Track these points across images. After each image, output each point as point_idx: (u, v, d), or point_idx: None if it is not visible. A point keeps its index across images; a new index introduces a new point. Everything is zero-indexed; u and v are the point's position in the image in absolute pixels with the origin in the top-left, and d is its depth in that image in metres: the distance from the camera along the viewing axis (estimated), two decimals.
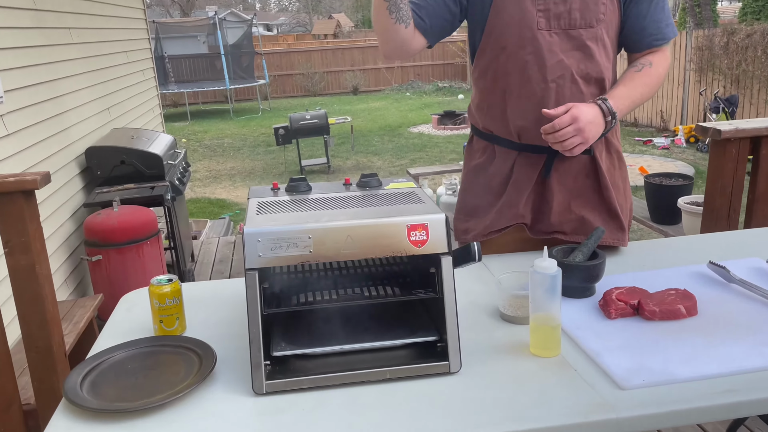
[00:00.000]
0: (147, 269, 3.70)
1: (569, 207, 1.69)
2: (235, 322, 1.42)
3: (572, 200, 1.69)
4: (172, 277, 1.35)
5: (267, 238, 1.15)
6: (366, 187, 1.42)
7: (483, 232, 1.73)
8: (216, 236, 5.67)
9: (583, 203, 1.69)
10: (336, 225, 1.17)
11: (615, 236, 1.68)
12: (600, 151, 1.67)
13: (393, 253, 1.19)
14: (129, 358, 1.25)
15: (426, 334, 1.23)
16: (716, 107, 8.70)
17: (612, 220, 1.69)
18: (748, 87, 9.21)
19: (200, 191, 8.03)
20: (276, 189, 1.43)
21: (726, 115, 8.69)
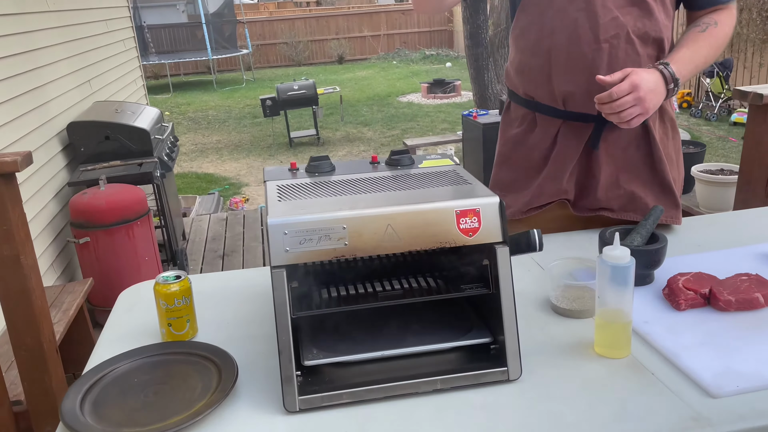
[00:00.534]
0: (138, 250, 3.51)
1: (617, 181, 1.54)
2: (252, 322, 1.25)
3: (621, 174, 1.53)
4: (180, 273, 1.17)
5: (295, 230, 0.98)
6: (397, 165, 1.25)
7: (522, 209, 1.57)
8: (206, 213, 5.48)
9: (633, 177, 1.53)
10: (375, 213, 1.01)
11: (668, 213, 1.53)
12: (653, 120, 1.50)
13: (440, 244, 1.02)
14: (135, 371, 1.08)
15: (477, 335, 1.08)
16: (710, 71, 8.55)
17: (665, 195, 1.54)
18: (743, 50, 9.06)
19: (186, 166, 7.79)
20: (294, 170, 1.26)
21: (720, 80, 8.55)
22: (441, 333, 1.10)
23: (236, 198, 6.15)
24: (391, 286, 1.11)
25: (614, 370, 1.04)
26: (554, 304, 1.23)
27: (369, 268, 1.12)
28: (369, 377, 1.02)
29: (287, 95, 8.01)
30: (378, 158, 1.29)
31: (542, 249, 1.05)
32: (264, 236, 4.63)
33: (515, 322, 1.02)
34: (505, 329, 1.02)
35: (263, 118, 8.77)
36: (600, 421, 0.92)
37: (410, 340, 1.08)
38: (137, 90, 6.01)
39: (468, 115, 4.72)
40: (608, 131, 1.48)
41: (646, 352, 1.08)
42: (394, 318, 1.13)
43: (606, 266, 1.04)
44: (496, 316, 1.06)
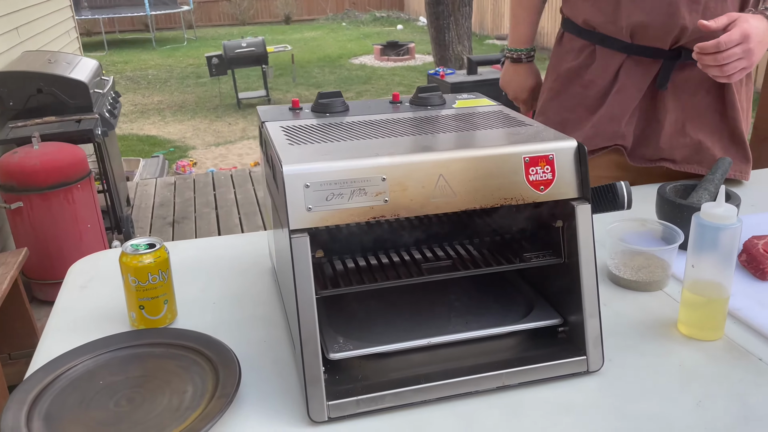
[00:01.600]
0: (79, 217, 3.15)
1: (683, 128, 1.35)
2: (245, 300, 1.00)
3: (688, 120, 1.35)
4: (154, 240, 0.91)
5: (320, 182, 0.73)
6: (426, 105, 1.01)
7: None
8: (151, 177, 5.08)
9: (702, 125, 1.35)
10: (423, 159, 0.76)
11: (737, 167, 1.35)
12: None
13: (504, 200, 0.79)
14: (100, 370, 0.81)
15: (543, 316, 0.86)
16: None
17: (735, 147, 1.37)
18: None
19: (126, 128, 7.27)
20: (297, 109, 1.00)
21: None
22: (496, 314, 0.88)
23: (183, 161, 5.75)
24: (434, 255, 0.87)
25: (713, 355, 0.85)
26: (614, 274, 1.02)
27: (411, 232, 0.88)
28: (414, 372, 0.79)
29: (235, 53, 7.56)
30: (400, 96, 1.04)
31: (631, 206, 0.83)
32: (216, 202, 4.30)
33: (597, 299, 0.81)
34: (585, 308, 0.81)
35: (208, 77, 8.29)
36: (721, 426, 0.72)
37: (459, 323, 0.86)
38: (71, 42, 5.49)
39: (434, 74, 4.47)
40: (678, 70, 1.29)
41: (742, 332, 0.89)
42: (437, 297, 0.90)
43: (704, 227, 0.83)
44: (566, 291, 0.84)
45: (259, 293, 1.02)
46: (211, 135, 6.84)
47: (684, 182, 1.15)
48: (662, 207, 1.10)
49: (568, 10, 1.42)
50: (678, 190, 1.12)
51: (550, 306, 0.87)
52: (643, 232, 1.06)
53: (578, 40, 1.39)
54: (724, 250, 0.82)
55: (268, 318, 0.95)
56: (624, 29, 1.28)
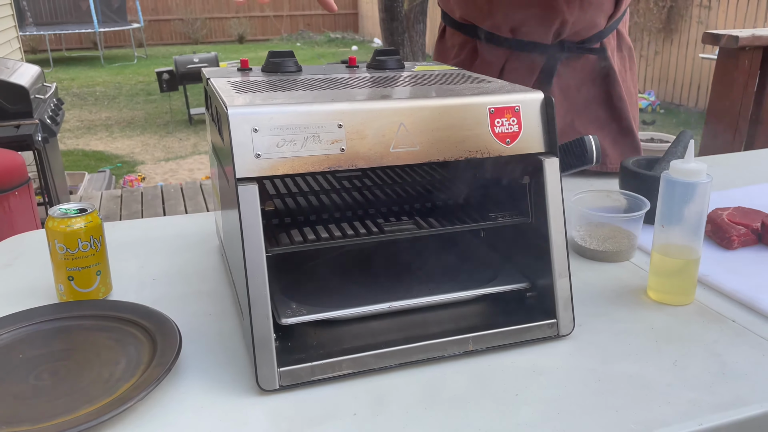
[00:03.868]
0: (16, 226, 2.98)
1: (573, 124, 1.32)
2: (189, 277, 0.92)
3: (576, 116, 1.32)
4: (86, 205, 0.82)
5: (270, 126, 0.67)
6: (383, 68, 0.96)
7: None
8: (97, 191, 4.89)
9: (589, 119, 1.32)
10: (383, 106, 0.71)
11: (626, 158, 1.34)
12: (611, 49, 1.30)
13: (468, 153, 0.74)
14: (19, 343, 0.72)
15: (509, 280, 0.81)
16: None
17: (624, 138, 1.34)
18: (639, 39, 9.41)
19: (72, 143, 7.03)
20: (246, 69, 0.93)
21: None
22: (462, 279, 0.82)
23: (131, 176, 5.57)
24: (395, 215, 0.81)
25: (685, 319, 0.81)
26: (580, 246, 0.98)
27: (371, 188, 0.82)
28: (375, 339, 0.73)
29: (186, 68, 7.41)
30: (356, 60, 0.99)
31: (600, 161, 0.80)
32: (165, 214, 4.15)
33: (567, 259, 0.76)
34: (554, 268, 0.76)
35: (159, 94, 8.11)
36: (699, 383, 0.68)
37: (422, 288, 0.80)
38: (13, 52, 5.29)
39: None
40: (563, 65, 1.26)
41: (712, 297, 0.86)
42: (399, 261, 0.84)
43: (674, 184, 0.80)
44: (534, 254, 0.79)
45: (205, 270, 0.94)
46: (161, 150, 6.67)
47: (647, 156, 1.13)
48: (625, 179, 1.07)
49: (443, 3, 1.38)
50: (640, 163, 1.10)
51: (518, 271, 0.83)
52: (608, 204, 1.03)
53: (459, 35, 1.34)
54: (695, 208, 0.79)
55: (215, 293, 0.87)
56: (502, 25, 1.25)
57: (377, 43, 12.42)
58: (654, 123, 7.09)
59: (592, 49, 1.26)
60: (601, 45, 1.27)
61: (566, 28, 1.21)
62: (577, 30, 1.21)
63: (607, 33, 1.27)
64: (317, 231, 0.75)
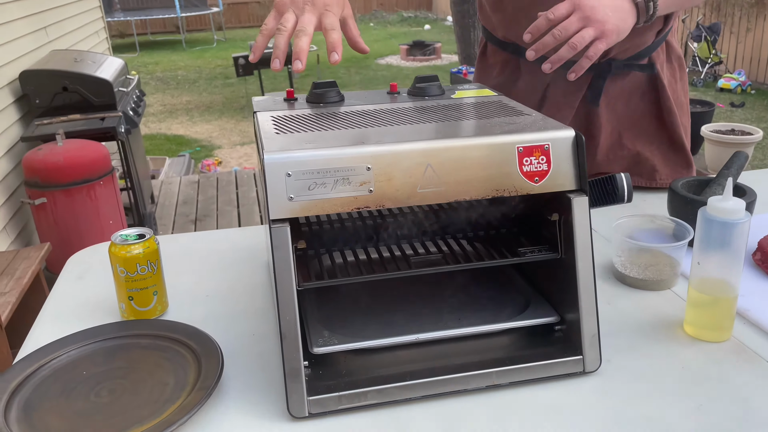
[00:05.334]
0: (101, 213, 3.19)
1: (620, 140, 1.29)
2: (237, 294, 0.98)
3: (624, 131, 1.28)
4: (145, 231, 0.90)
5: (302, 170, 0.71)
6: (423, 95, 0.98)
7: None
8: (177, 175, 5.13)
9: (638, 134, 1.29)
10: (410, 148, 0.74)
11: (678, 174, 1.29)
12: (660, 61, 1.25)
13: (495, 191, 0.76)
14: (84, 360, 0.81)
15: (539, 313, 0.82)
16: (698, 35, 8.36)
17: (675, 153, 1.30)
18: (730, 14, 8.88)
19: (155, 127, 7.38)
20: (292, 99, 0.98)
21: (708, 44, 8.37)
22: (490, 311, 0.84)
23: (208, 160, 5.80)
24: (425, 249, 0.85)
25: (718, 357, 0.80)
26: (620, 272, 0.98)
27: (398, 224, 0.86)
28: (400, 369, 0.77)
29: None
30: (398, 87, 1.02)
31: (631, 200, 0.80)
32: (238, 200, 4.33)
33: (595, 296, 0.77)
34: (581, 306, 0.77)
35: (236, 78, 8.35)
36: (719, 430, 0.68)
37: (450, 319, 0.83)
38: (100, 42, 5.58)
39: (458, 73, 4.43)
40: (610, 81, 1.23)
41: (751, 334, 0.85)
42: (429, 291, 0.87)
43: (711, 222, 0.79)
44: (563, 288, 0.80)
45: (254, 287, 1.00)
46: (237, 135, 6.89)
47: (698, 177, 1.10)
48: (673, 203, 1.06)
49: (485, 21, 1.34)
50: (691, 185, 1.08)
51: (547, 303, 0.84)
52: (653, 229, 1.02)
53: (501, 53, 1.31)
54: (732, 246, 0.78)
55: (261, 312, 0.93)
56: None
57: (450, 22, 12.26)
58: (743, 105, 6.70)
59: (641, 66, 1.23)
60: (649, 60, 1.24)
61: (614, 47, 1.19)
62: (626, 48, 1.18)
63: (656, 47, 1.23)
64: (347, 264, 0.79)
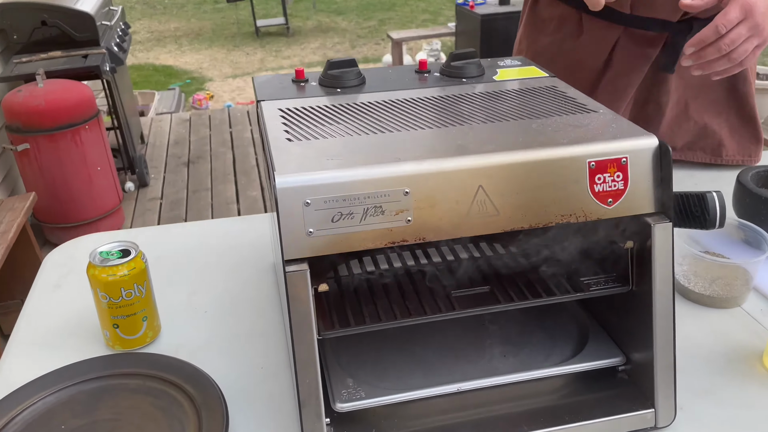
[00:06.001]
0: (88, 158, 3.02)
1: (687, 110, 1.14)
2: (241, 309, 0.85)
3: (691, 100, 1.13)
4: (129, 245, 0.75)
5: (325, 197, 0.56)
6: (460, 76, 0.82)
7: None
8: (167, 111, 4.91)
9: (707, 104, 1.13)
10: (458, 165, 0.59)
11: (745, 149, 1.15)
12: None
13: (561, 218, 0.62)
14: (63, 408, 0.68)
15: (600, 353, 0.70)
16: None
17: (744, 125, 1.15)
18: None
19: (142, 56, 7.06)
20: (302, 81, 0.81)
21: None
22: (542, 347, 0.72)
23: (199, 95, 5.56)
24: (468, 278, 0.71)
25: None
26: (682, 285, 0.85)
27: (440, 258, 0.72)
28: (438, 422, 0.65)
29: None
30: (428, 64, 0.85)
31: (723, 224, 0.65)
32: (233, 141, 4.14)
33: (673, 340, 0.65)
34: (656, 351, 0.64)
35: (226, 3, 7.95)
36: None
37: (495, 356, 0.70)
38: None
39: (464, 5, 4.16)
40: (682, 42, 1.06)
41: None
42: (471, 322, 0.74)
43: None
44: (631, 323, 0.68)
45: (258, 299, 0.87)
46: (229, 66, 6.60)
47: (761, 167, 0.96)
48: (742, 199, 0.92)
49: None
50: (761, 177, 0.93)
51: (609, 338, 0.71)
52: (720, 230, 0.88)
53: (559, 5, 1.12)
54: None
55: (268, 335, 0.80)
56: None
57: None
58: None
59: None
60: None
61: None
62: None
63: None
64: (377, 302, 0.66)
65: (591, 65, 1.12)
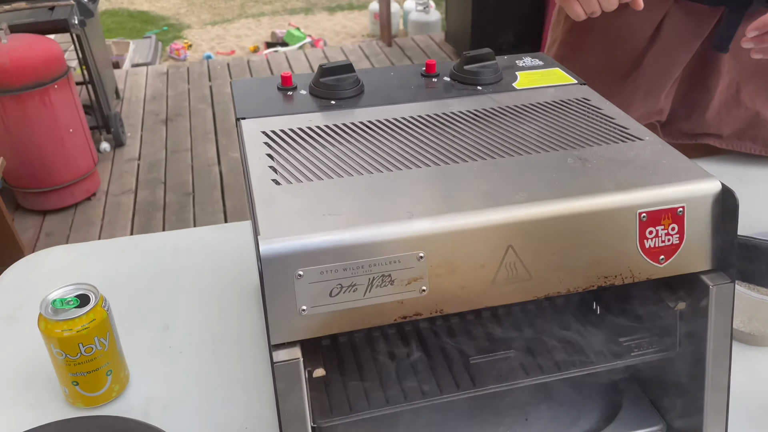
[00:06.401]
0: (59, 120, 2.85)
1: (737, 96, 1.03)
2: (221, 350, 0.75)
3: (743, 84, 1.02)
4: (87, 289, 0.64)
5: (321, 267, 0.46)
6: (474, 83, 0.70)
7: None
8: (143, 62, 4.68)
9: (761, 90, 1.02)
10: (483, 222, 0.48)
11: None
12: None
13: (603, 280, 0.51)
14: None
15: (638, 420, 0.61)
16: None
17: None
18: None
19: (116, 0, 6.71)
20: (289, 88, 0.69)
21: None
22: (568, 410, 0.63)
23: (177, 43, 5.30)
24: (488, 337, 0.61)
25: None
26: None
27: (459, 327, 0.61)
28: None
29: None
30: (436, 65, 0.73)
31: None
32: (213, 97, 3.95)
33: (726, 406, 0.56)
34: (706, 419, 0.56)
35: None
36: None
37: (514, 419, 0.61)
38: None
39: None
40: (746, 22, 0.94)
41: None
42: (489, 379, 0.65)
43: None
44: (675, 387, 0.59)
45: (242, 335, 0.76)
46: (207, 11, 6.30)
47: None
48: None
49: None
50: None
51: (648, 400, 0.62)
52: None
53: None
54: None
55: (252, 384, 0.70)
56: None
57: None
58: None
59: None
60: None
61: None
62: None
63: None
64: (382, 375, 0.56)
65: (635, 40, 1.00)
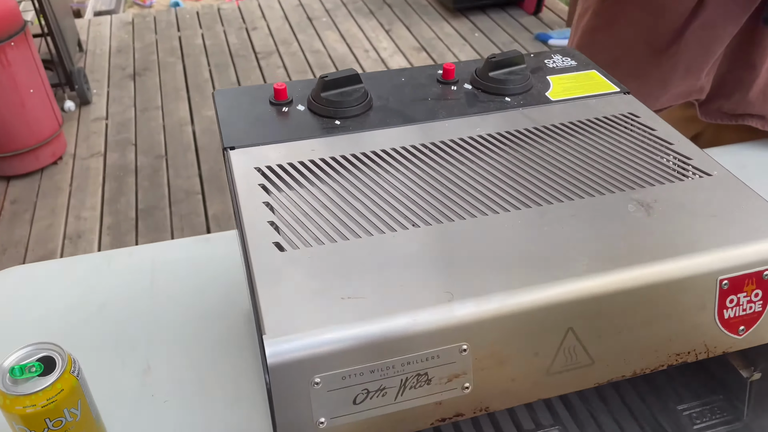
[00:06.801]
0: (17, 80, 2.66)
1: None
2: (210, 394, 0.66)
3: None
4: (52, 350, 0.54)
5: (342, 372, 0.37)
6: (502, 93, 0.59)
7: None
8: (106, 8, 4.40)
9: None
10: (540, 300, 0.39)
11: None
12: None
13: (674, 359, 0.43)
14: None
15: None
16: None
17: None
18: None
19: None
20: (284, 103, 0.58)
21: None
22: None
23: None
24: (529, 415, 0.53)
25: None
26: None
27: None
28: None
29: None
30: (454, 70, 0.62)
31: None
32: (182, 49, 3.74)
33: None
34: None
35: None
36: None
37: None
38: None
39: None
40: None
41: None
42: None
43: None
44: None
45: (233, 377, 0.67)
46: None
47: None
48: None
49: None
50: None
51: None
52: None
53: None
54: None
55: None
56: None
57: None
58: None
59: None
60: None
61: None
62: None
63: None
64: None
65: (677, 11, 0.90)
